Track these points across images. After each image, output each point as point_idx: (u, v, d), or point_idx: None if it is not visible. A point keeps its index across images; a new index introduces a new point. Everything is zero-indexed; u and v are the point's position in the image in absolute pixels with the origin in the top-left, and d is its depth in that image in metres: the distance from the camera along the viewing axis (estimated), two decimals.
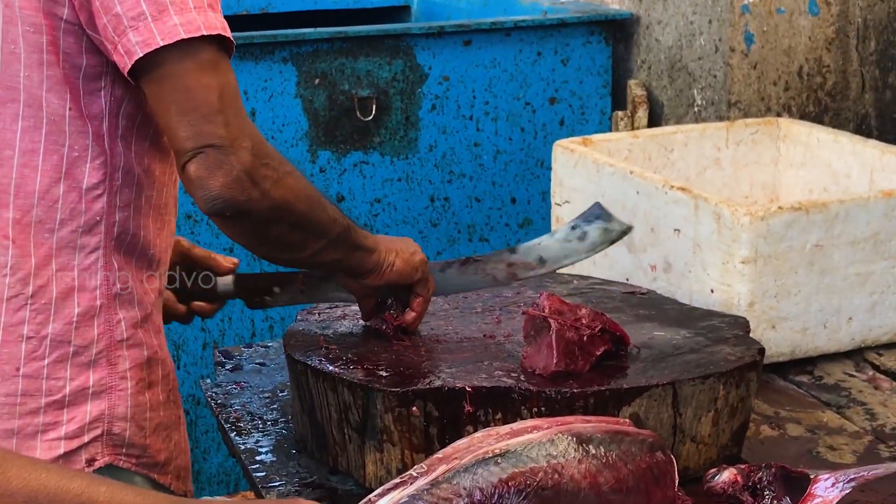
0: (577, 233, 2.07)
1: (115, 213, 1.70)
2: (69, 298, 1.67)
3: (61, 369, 1.67)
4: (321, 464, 1.94)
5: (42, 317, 1.66)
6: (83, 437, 1.69)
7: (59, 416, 1.67)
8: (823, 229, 2.30)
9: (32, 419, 1.66)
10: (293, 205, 1.68)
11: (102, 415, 1.70)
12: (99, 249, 1.69)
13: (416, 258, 1.94)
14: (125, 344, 1.72)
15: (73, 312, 1.67)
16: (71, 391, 1.68)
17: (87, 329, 1.68)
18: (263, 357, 2.38)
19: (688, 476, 1.83)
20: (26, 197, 1.65)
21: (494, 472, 1.57)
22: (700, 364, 1.88)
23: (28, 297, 1.65)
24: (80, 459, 1.69)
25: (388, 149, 3.77)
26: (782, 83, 3.45)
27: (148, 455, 1.74)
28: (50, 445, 1.67)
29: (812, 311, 2.34)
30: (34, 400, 1.66)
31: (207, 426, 3.72)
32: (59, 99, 1.64)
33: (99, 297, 1.69)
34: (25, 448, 1.66)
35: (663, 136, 2.83)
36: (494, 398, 1.80)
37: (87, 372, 1.69)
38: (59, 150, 1.65)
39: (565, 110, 3.92)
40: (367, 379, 1.84)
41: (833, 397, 2.26)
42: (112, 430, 1.70)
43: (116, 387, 1.71)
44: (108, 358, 1.70)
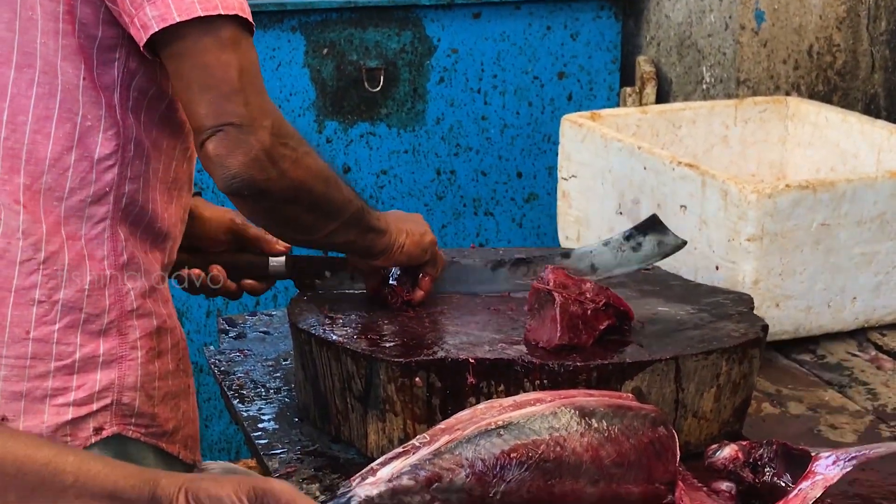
0: (631, 243, 2.08)
1: (125, 184, 1.70)
2: (81, 266, 1.67)
3: (72, 335, 1.67)
4: (323, 432, 1.95)
5: (54, 282, 1.66)
6: (92, 406, 1.69)
7: (68, 382, 1.67)
8: (830, 208, 2.29)
9: (41, 383, 1.66)
10: (311, 185, 1.68)
11: (112, 384, 1.70)
12: (106, 220, 1.69)
13: (426, 239, 1.94)
14: (135, 314, 1.72)
15: (85, 280, 1.68)
16: (81, 357, 1.68)
17: (98, 298, 1.69)
18: (267, 325, 2.39)
19: (689, 451, 1.83)
20: (37, 163, 1.65)
21: (497, 443, 1.58)
22: (703, 340, 1.88)
23: (40, 262, 1.65)
24: (88, 427, 1.69)
25: (396, 120, 3.77)
26: (792, 62, 3.44)
27: (156, 424, 1.75)
28: (58, 410, 1.67)
29: (816, 289, 2.34)
30: (43, 364, 1.66)
31: (210, 393, 3.73)
32: (74, 68, 1.64)
33: (108, 266, 1.69)
34: (33, 411, 1.66)
35: (672, 112, 2.83)
36: (498, 370, 1.80)
37: (98, 340, 1.69)
38: (72, 119, 1.65)
39: (573, 85, 3.91)
40: (370, 349, 1.84)
41: (835, 376, 2.26)
42: (122, 399, 1.70)
43: (127, 356, 1.71)
44: (118, 328, 1.70)
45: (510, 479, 1.57)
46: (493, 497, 1.57)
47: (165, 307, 1.78)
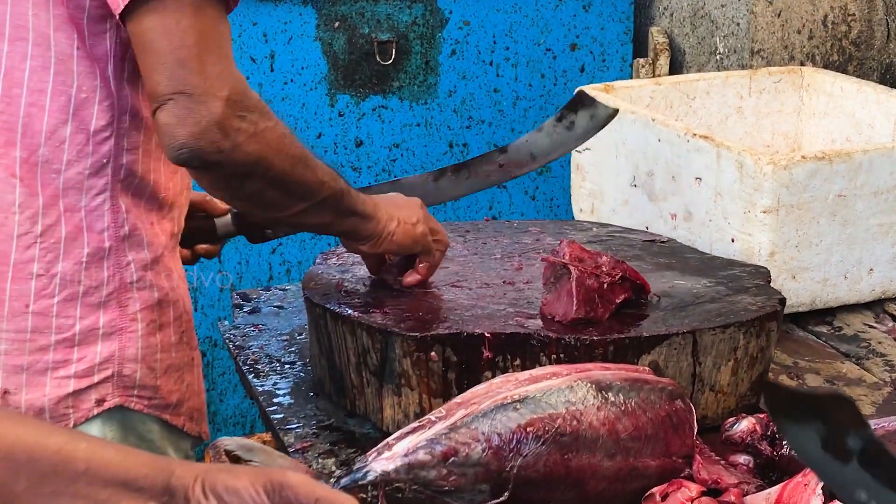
0: (564, 123, 2.05)
1: (122, 155, 1.68)
2: (78, 239, 1.67)
3: (71, 308, 1.67)
4: (339, 407, 1.95)
5: (52, 255, 1.66)
6: (93, 378, 1.69)
7: (69, 355, 1.67)
8: (846, 179, 2.28)
9: (42, 356, 1.66)
10: (270, 161, 1.62)
11: (113, 356, 1.70)
12: (106, 192, 1.68)
13: (418, 230, 1.89)
14: (135, 286, 1.71)
15: (83, 253, 1.67)
16: (81, 330, 1.68)
17: (97, 270, 1.68)
18: (281, 300, 2.38)
19: (706, 425, 1.83)
20: (33, 136, 1.64)
21: (513, 417, 1.57)
22: (720, 313, 1.88)
23: (37, 235, 1.65)
24: (90, 399, 1.69)
25: (408, 93, 3.75)
26: (806, 31, 3.41)
27: (159, 396, 1.75)
28: (59, 383, 1.67)
29: (833, 261, 2.32)
30: (44, 337, 1.66)
31: (224, 368, 3.73)
32: (67, 38, 1.63)
33: (107, 238, 1.68)
34: (35, 384, 1.66)
35: (686, 83, 2.81)
36: (513, 344, 1.79)
37: (98, 312, 1.69)
38: (66, 91, 1.64)
39: (586, 57, 3.88)
40: (385, 323, 1.84)
41: (852, 348, 2.25)
42: (122, 371, 1.70)
43: (127, 328, 1.71)
44: (118, 300, 1.70)
45: (526, 454, 1.57)
46: (509, 471, 1.56)
47: (168, 280, 1.77)
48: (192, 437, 1.84)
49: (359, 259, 2.09)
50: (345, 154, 3.73)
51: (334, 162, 3.71)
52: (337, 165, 3.71)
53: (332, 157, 3.71)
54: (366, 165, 3.76)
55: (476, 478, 1.56)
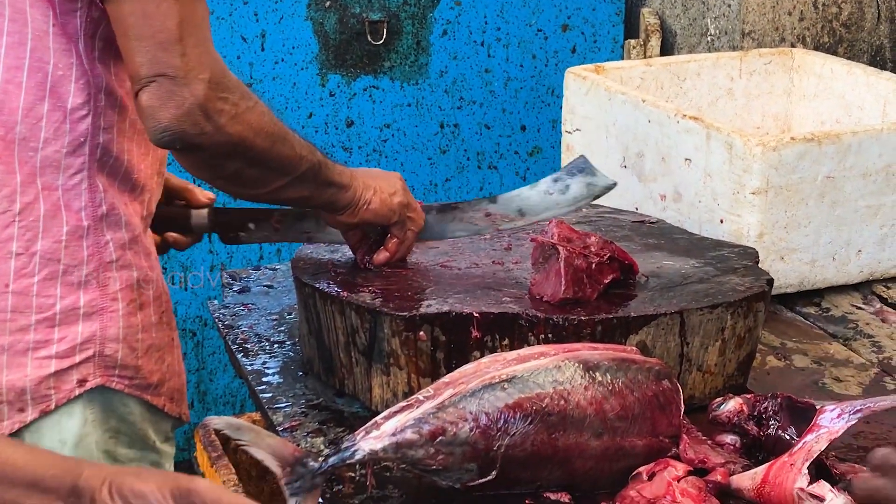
0: (559, 185, 2.03)
1: (99, 134, 1.67)
2: (57, 217, 1.66)
3: (51, 287, 1.66)
4: (327, 386, 1.95)
5: (31, 234, 1.65)
6: (74, 358, 1.68)
7: (49, 335, 1.67)
8: (835, 161, 2.28)
9: (23, 336, 1.66)
10: (251, 141, 1.63)
11: (94, 336, 1.69)
12: (83, 170, 1.67)
13: (395, 200, 1.89)
14: (115, 265, 1.71)
15: (62, 231, 1.66)
16: (62, 309, 1.67)
17: (76, 249, 1.67)
18: (271, 280, 2.38)
19: (693, 405, 1.83)
20: (10, 114, 1.63)
21: (501, 397, 1.58)
22: (708, 294, 1.88)
23: (16, 213, 1.64)
24: (72, 379, 1.68)
25: (399, 74, 3.75)
26: (797, 13, 3.41)
27: (140, 376, 1.74)
28: (41, 363, 1.66)
29: (822, 242, 2.33)
30: (24, 317, 1.65)
31: (214, 347, 3.73)
32: (42, 15, 1.61)
33: (85, 217, 1.67)
34: (16, 365, 1.65)
35: (676, 64, 2.81)
36: (502, 324, 1.80)
37: (78, 292, 1.68)
38: (43, 68, 1.63)
39: (577, 38, 3.88)
40: (374, 303, 1.84)
41: (840, 329, 2.26)
42: (104, 351, 1.70)
43: (108, 308, 1.70)
44: (98, 279, 1.69)
45: (514, 433, 1.57)
46: (496, 450, 1.57)
47: (147, 259, 1.76)
48: (172, 419, 1.84)
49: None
50: (336, 134, 3.72)
51: (325, 142, 3.71)
52: (328, 145, 3.71)
53: (322, 137, 3.70)
54: (357, 146, 3.75)
55: (464, 457, 1.56)
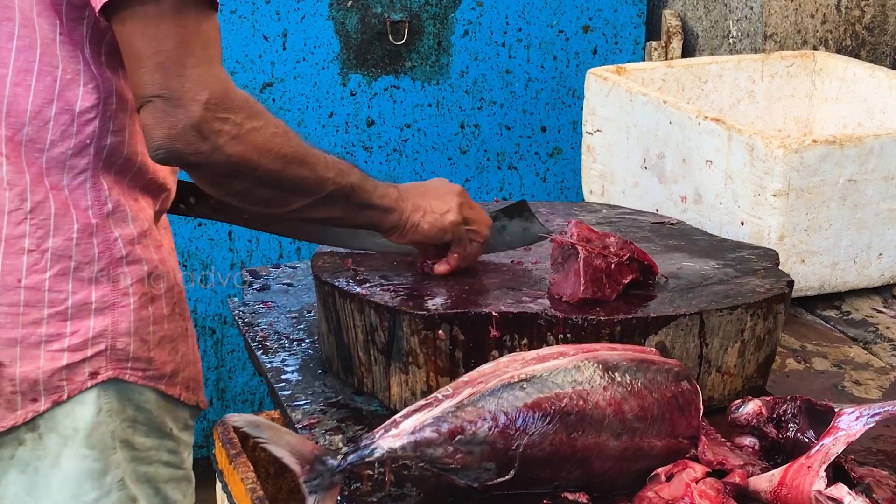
0: (495, 225, 2.00)
1: (107, 136, 1.70)
2: (67, 215, 1.68)
3: (63, 282, 1.69)
4: (346, 384, 1.95)
5: (42, 231, 1.67)
6: (86, 351, 1.70)
7: (62, 328, 1.69)
8: (857, 164, 2.28)
9: (35, 329, 1.68)
10: (255, 161, 1.63)
11: (105, 330, 1.71)
12: (87, 171, 1.70)
13: (447, 219, 1.87)
14: (125, 261, 1.72)
15: (73, 229, 1.69)
16: (73, 304, 1.69)
17: (87, 246, 1.70)
18: (291, 278, 2.39)
19: (712, 406, 1.83)
20: (18, 116, 1.66)
21: (519, 396, 1.58)
22: (728, 295, 1.88)
23: (27, 211, 1.67)
24: (84, 372, 1.70)
25: (420, 74, 3.75)
26: (820, 16, 3.40)
27: (153, 368, 1.76)
28: (53, 356, 1.69)
29: (842, 245, 2.32)
30: (36, 311, 1.68)
31: (233, 345, 3.74)
32: (50, 24, 1.64)
33: (92, 216, 1.70)
34: (29, 357, 1.68)
35: (698, 66, 2.81)
36: (521, 324, 1.80)
37: (90, 288, 1.70)
38: (52, 73, 1.66)
39: (599, 39, 3.88)
40: (393, 301, 1.84)
41: (860, 332, 2.25)
42: (116, 345, 1.71)
43: (119, 303, 1.72)
44: (109, 275, 1.71)
45: (533, 432, 1.57)
46: (515, 450, 1.57)
47: (158, 252, 1.78)
48: (189, 407, 1.85)
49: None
50: (356, 133, 3.73)
51: (346, 141, 3.71)
52: (348, 145, 3.72)
53: (343, 136, 3.71)
54: (377, 145, 3.76)
55: (482, 456, 1.56)
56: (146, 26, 1.56)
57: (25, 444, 1.70)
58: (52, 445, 1.70)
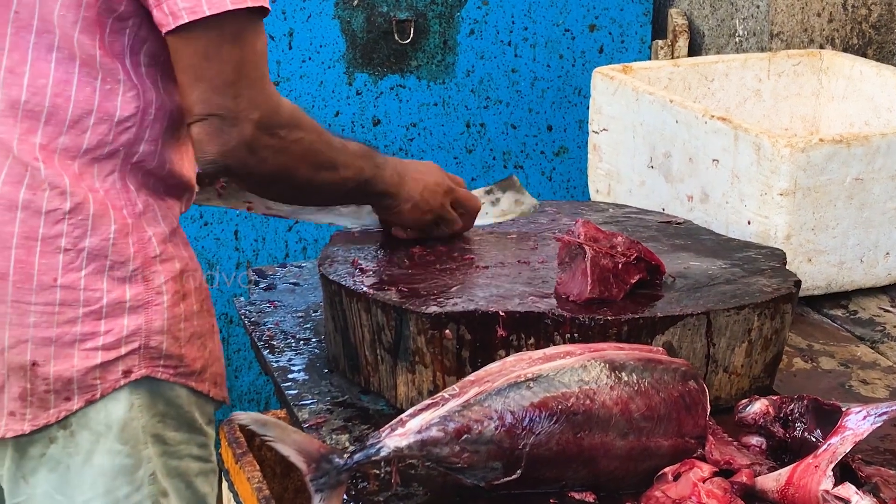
0: (490, 197, 2.18)
1: (140, 144, 1.73)
2: (106, 215, 1.70)
3: (98, 281, 1.69)
4: (353, 383, 1.95)
5: (79, 231, 1.68)
6: (120, 350, 1.71)
7: (96, 327, 1.69)
8: (864, 163, 2.27)
9: (70, 328, 1.69)
10: (293, 170, 1.76)
11: (139, 329, 1.72)
12: (114, 173, 1.72)
13: (426, 218, 2.02)
14: (158, 259, 1.74)
15: (111, 229, 1.70)
16: (108, 303, 1.70)
17: (123, 246, 1.71)
18: (297, 277, 2.39)
19: (719, 406, 1.83)
20: (57, 125, 1.68)
21: (526, 395, 1.58)
22: (735, 295, 1.88)
23: (65, 211, 1.68)
24: (117, 370, 1.71)
25: (425, 73, 3.75)
26: (826, 14, 3.40)
27: (184, 364, 1.77)
28: (87, 354, 1.69)
29: (849, 244, 2.32)
30: (72, 309, 1.69)
31: (240, 345, 3.74)
32: (90, 39, 1.67)
33: (127, 215, 1.71)
34: (63, 356, 1.68)
35: (704, 65, 2.80)
36: (527, 323, 1.80)
37: (124, 286, 1.71)
38: (91, 83, 1.68)
39: (605, 38, 3.87)
40: (400, 301, 1.84)
41: (867, 332, 2.25)
42: (149, 343, 1.73)
43: (153, 302, 1.73)
44: (143, 274, 1.72)
45: (539, 432, 1.57)
46: (521, 449, 1.57)
47: (186, 250, 1.81)
48: (215, 402, 1.86)
49: (374, 237, 2.10)
50: (362, 133, 3.73)
51: None
52: None
53: (349, 135, 3.70)
54: (383, 144, 3.76)
55: (489, 455, 1.56)
56: (208, 49, 1.63)
57: (57, 442, 1.70)
58: (84, 442, 1.70)
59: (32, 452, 1.71)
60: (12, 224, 1.67)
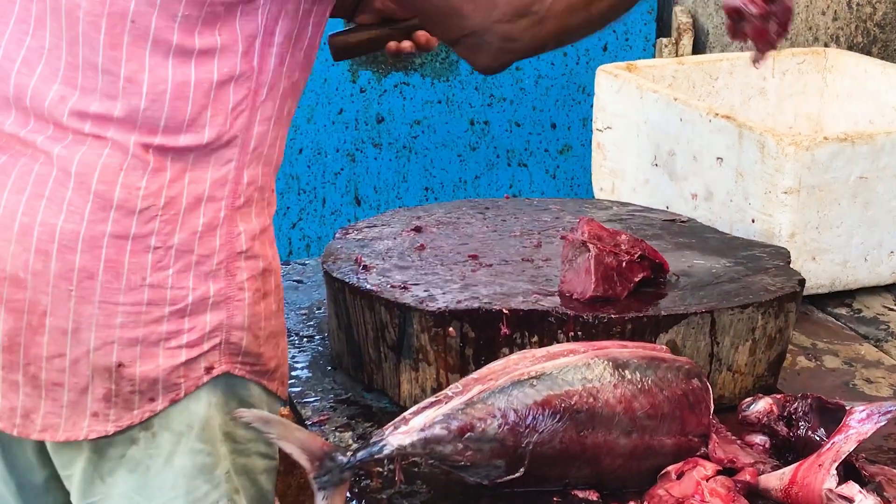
0: None
1: (254, 127, 1.69)
2: (196, 209, 1.67)
3: (185, 279, 1.67)
4: (356, 381, 1.95)
5: (170, 227, 1.65)
6: (202, 346, 1.69)
7: (181, 325, 1.67)
8: (868, 161, 2.27)
9: (156, 327, 1.66)
10: (566, 25, 1.76)
11: (221, 324, 1.70)
12: (232, 161, 1.68)
13: None
14: (244, 255, 1.71)
15: (199, 223, 1.67)
16: (193, 300, 1.68)
17: (209, 239, 1.68)
18: (301, 274, 2.39)
19: (723, 405, 1.83)
20: (175, 130, 1.64)
21: (529, 393, 1.58)
22: (739, 293, 1.87)
23: (159, 208, 1.64)
24: (200, 367, 1.69)
25: (429, 70, 3.75)
26: (831, 13, 3.39)
27: (261, 363, 1.75)
28: (172, 353, 1.67)
29: (854, 243, 2.32)
30: (159, 309, 1.66)
31: None
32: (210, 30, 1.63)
33: (224, 208, 1.69)
34: (149, 356, 1.66)
35: (709, 63, 2.80)
36: (531, 321, 1.80)
37: (208, 282, 1.68)
38: (209, 79, 1.65)
39: (609, 36, 3.87)
40: (404, 298, 1.84)
41: (871, 330, 2.25)
42: (230, 339, 1.70)
43: (235, 297, 1.71)
44: (227, 269, 1.70)
45: (542, 430, 1.57)
46: (525, 447, 1.57)
47: (271, 248, 1.78)
48: (281, 401, 1.85)
49: (378, 234, 2.09)
50: (366, 130, 3.73)
51: (355, 138, 3.71)
52: (358, 141, 3.71)
53: (352, 133, 3.71)
54: (387, 142, 3.76)
55: (492, 453, 1.56)
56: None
57: (138, 444, 1.68)
58: (166, 443, 1.68)
59: (112, 454, 1.69)
60: (105, 223, 1.64)
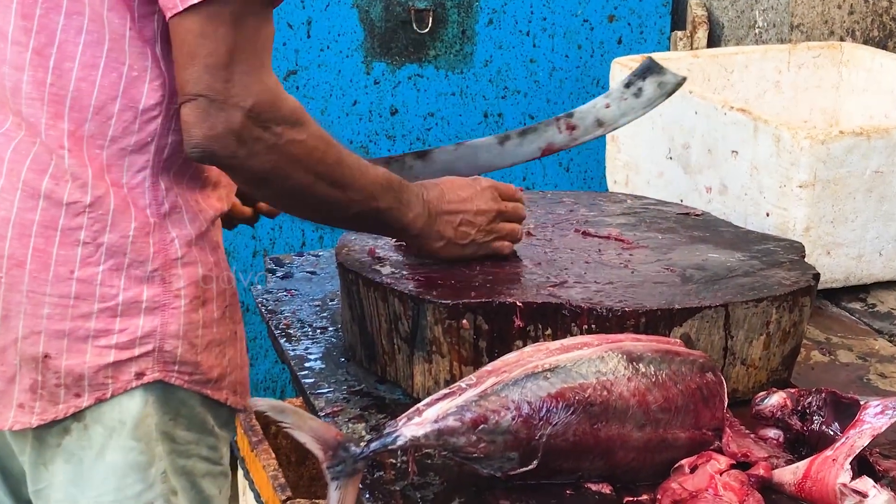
0: (632, 90, 2.09)
1: (167, 135, 1.69)
2: (126, 212, 1.68)
3: (115, 278, 1.67)
4: (369, 373, 1.95)
5: (99, 225, 1.66)
6: (133, 351, 1.69)
7: (111, 324, 1.67)
8: (884, 155, 2.26)
9: (84, 323, 1.67)
10: (286, 173, 1.67)
11: (154, 331, 1.70)
12: (146, 169, 1.69)
13: (467, 251, 1.92)
14: (180, 262, 1.71)
15: (130, 227, 1.68)
16: (124, 301, 1.68)
17: (143, 245, 1.69)
18: (314, 266, 2.39)
19: (736, 398, 1.82)
20: (81, 110, 1.65)
21: (543, 386, 1.57)
22: (753, 287, 1.87)
23: (86, 204, 1.66)
24: (130, 371, 1.69)
25: (443, 62, 3.74)
26: (847, 6, 3.38)
27: (199, 372, 1.74)
28: (100, 352, 1.67)
29: (868, 237, 2.31)
30: (86, 304, 1.67)
31: (255, 333, 3.75)
32: (120, 19, 1.64)
33: (150, 215, 1.69)
34: (75, 350, 1.66)
35: (724, 57, 2.79)
36: (545, 314, 1.79)
37: (142, 286, 1.69)
38: (118, 69, 1.65)
39: (623, 28, 3.86)
40: (417, 290, 1.84)
41: (886, 325, 2.24)
42: (164, 347, 1.70)
43: (169, 304, 1.70)
44: (162, 276, 1.70)
45: (556, 423, 1.57)
46: (538, 439, 1.57)
47: (213, 254, 1.77)
48: (234, 410, 1.83)
49: None
50: (379, 122, 3.73)
51: (369, 130, 3.71)
52: (371, 133, 3.71)
53: (366, 124, 3.71)
54: (400, 134, 3.75)
55: (505, 445, 1.56)
56: (204, 27, 1.57)
57: (71, 434, 1.69)
58: (98, 437, 1.69)
59: (50, 442, 1.71)
60: (34, 212, 1.66)
